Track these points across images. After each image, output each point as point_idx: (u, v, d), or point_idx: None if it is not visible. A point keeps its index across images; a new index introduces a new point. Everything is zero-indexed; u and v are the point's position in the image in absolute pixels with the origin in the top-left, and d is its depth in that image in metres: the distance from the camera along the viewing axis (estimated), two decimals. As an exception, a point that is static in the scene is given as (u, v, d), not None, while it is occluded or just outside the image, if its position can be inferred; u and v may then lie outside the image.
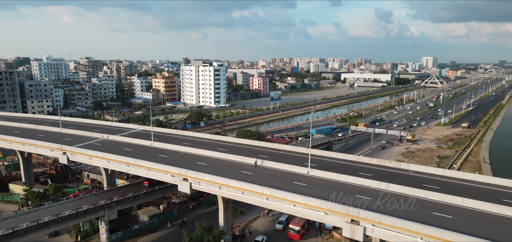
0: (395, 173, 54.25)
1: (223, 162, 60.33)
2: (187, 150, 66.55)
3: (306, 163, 57.46)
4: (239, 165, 58.69)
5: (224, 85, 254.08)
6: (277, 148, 68.60)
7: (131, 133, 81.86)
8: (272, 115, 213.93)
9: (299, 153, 65.30)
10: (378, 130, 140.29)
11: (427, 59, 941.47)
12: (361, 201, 43.47)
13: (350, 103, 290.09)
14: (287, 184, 49.78)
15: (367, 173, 53.83)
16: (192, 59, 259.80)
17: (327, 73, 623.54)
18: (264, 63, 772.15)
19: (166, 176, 56.31)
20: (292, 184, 49.72)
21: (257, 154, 63.74)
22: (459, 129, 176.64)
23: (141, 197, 67.68)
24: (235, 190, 49.52)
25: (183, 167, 55.49)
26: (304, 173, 53.64)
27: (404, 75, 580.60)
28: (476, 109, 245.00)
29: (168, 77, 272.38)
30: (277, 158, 61.54)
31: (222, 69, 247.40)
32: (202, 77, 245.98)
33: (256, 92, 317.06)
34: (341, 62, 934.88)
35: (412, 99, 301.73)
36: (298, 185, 49.49)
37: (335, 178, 50.95)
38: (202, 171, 54.65)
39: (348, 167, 57.00)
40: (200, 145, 70.77)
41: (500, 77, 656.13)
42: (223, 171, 55.30)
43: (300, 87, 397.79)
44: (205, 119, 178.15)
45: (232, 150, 66.84)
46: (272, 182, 50.52)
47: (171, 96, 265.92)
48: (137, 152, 66.39)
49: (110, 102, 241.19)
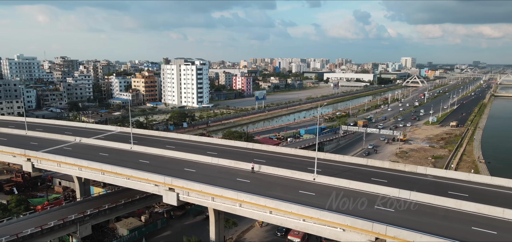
0: (413, 178, 47.86)
1: (214, 167, 52.69)
2: (172, 154, 58.57)
3: (310, 168, 50.55)
4: (233, 171, 51.21)
5: (207, 85, 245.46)
6: (274, 150, 61.41)
7: (107, 136, 73.10)
8: (258, 115, 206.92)
9: (300, 156, 58.27)
10: (370, 129, 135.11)
11: (406, 59, 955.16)
12: (383, 214, 36.75)
13: (335, 103, 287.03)
14: (292, 193, 42.63)
15: (381, 178, 47.27)
16: (173, 58, 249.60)
17: (309, 73, 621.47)
18: (246, 63, 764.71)
19: (149, 186, 48.26)
20: (297, 194, 42.59)
21: (252, 158, 56.37)
22: (448, 128, 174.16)
23: (119, 209, 59.30)
24: (231, 202, 42.02)
25: (168, 175, 47.65)
26: (309, 180, 46.62)
27: (386, 75, 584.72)
28: (460, 108, 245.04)
29: (148, 76, 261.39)
30: (276, 162, 54.35)
31: (204, 68, 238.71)
32: (184, 77, 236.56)
33: (240, 92, 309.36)
34: (323, 62, 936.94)
35: (396, 98, 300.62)
36: (305, 194, 42.40)
37: (346, 186, 44.10)
38: (191, 179, 46.94)
39: (358, 172, 50.32)
40: (187, 148, 62.86)
41: (478, 77, 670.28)
42: (216, 179, 47.72)
43: (284, 87, 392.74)
44: (188, 119, 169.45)
45: (223, 153, 59.23)
46: (274, 191, 43.28)
47: (152, 96, 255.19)
48: (114, 157, 57.97)
49: (87, 103, 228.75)
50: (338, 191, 42.86)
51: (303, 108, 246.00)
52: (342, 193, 42.11)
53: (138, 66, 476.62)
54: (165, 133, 75.27)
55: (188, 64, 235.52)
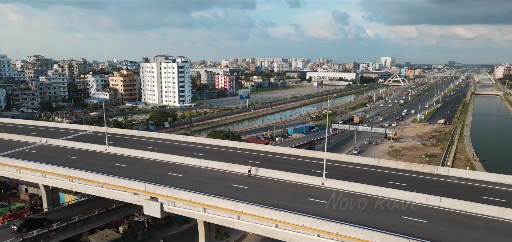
0: (434, 180, 41.76)
1: (204, 171, 45.31)
2: (154, 156, 50.85)
3: (315, 170, 43.91)
4: (226, 175, 43.99)
5: (189, 83, 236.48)
6: (270, 151, 54.44)
7: (79, 136, 64.55)
8: (242, 114, 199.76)
9: (300, 157, 51.47)
10: (361, 127, 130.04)
11: (386, 59, 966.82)
12: (415, 226, 30.36)
13: (319, 101, 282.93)
14: (300, 202, 35.82)
15: (398, 181, 40.98)
16: (153, 56, 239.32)
17: (291, 72, 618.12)
18: (227, 63, 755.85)
19: (126, 195, 40.53)
20: (306, 202, 35.81)
21: (246, 159, 49.30)
22: (436, 126, 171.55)
23: (92, 221, 51.05)
24: (227, 214, 34.84)
25: (150, 181, 40.12)
26: (317, 185, 39.88)
27: (367, 74, 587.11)
28: (445, 106, 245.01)
29: (127, 75, 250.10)
30: (274, 164, 47.40)
31: (186, 65, 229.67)
32: (165, 75, 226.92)
33: (222, 91, 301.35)
34: (304, 62, 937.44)
35: (381, 96, 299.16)
36: (315, 202, 35.66)
37: (362, 191, 37.56)
38: (177, 185, 39.52)
39: (370, 174, 43.92)
40: (171, 149, 55.19)
41: (455, 76, 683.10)
42: (206, 185, 40.43)
43: (267, 86, 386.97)
44: (170, 119, 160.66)
45: (213, 155, 51.88)
46: (278, 199, 36.36)
47: (131, 95, 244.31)
48: (86, 160, 49.84)
49: (61, 103, 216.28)
50: (353, 198, 36.27)
51: (288, 107, 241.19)
52: (359, 201, 35.54)
53: (117, 65, 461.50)
54: (146, 132, 67.43)
55: (169, 61, 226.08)
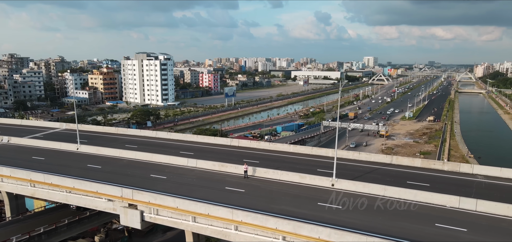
0: (460, 179, 36.49)
1: (192, 172, 38.93)
2: (133, 155, 44.14)
3: (320, 170, 38.13)
4: (218, 176, 37.74)
5: (172, 81, 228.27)
6: (266, 148, 48.33)
7: (49, 134, 57.14)
8: (228, 113, 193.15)
9: (301, 155, 45.57)
10: (353, 124, 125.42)
11: (369, 58, 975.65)
12: (455, 236, 24.82)
13: (306, 100, 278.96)
14: (309, 207, 29.93)
15: (418, 181, 35.55)
16: (135, 52, 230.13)
17: (276, 71, 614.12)
18: (211, 62, 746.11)
19: (99, 202, 33.87)
20: (316, 207, 29.94)
21: (240, 158, 43.17)
22: (426, 123, 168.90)
23: (61, 231, 44.04)
24: (223, 224, 28.64)
25: (128, 185, 33.58)
26: (327, 187, 34.06)
27: (352, 73, 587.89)
28: (431, 104, 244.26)
29: (107, 73, 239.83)
30: (272, 163, 41.41)
31: (169, 63, 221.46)
32: (147, 72, 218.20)
33: (207, 89, 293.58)
34: (288, 61, 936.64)
35: (367, 95, 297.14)
36: (326, 208, 29.83)
37: (381, 193, 31.92)
38: (160, 189, 33.14)
39: (383, 173, 38.40)
40: (153, 147, 48.54)
41: (437, 75, 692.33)
42: (196, 189, 34.14)
43: (252, 85, 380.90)
44: (153, 118, 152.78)
45: (202, 153, 45.50)
46: (282, 205, 30.38)
47: (112, 94, 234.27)
48: (53, 161, 42.79)
49: (37, 102, 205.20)
50: (371, 201, 30.59)
51: (274, 105, 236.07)
52: (379, 204, 29.89)
53: (97, 64, 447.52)
54: (125, 129, 60.41)
55: (151, 58, 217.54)
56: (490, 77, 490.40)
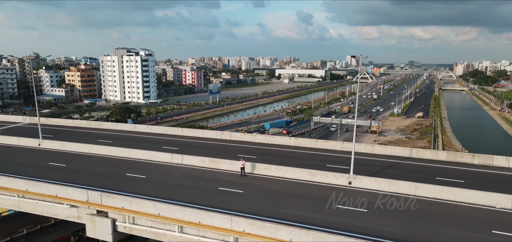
0: (496, 174, 30.98)
1: (177, 170, 32.26)
2: (106, 151, 37.12)
3: (330, 165, 32.12)
4: (209, 174, 31.19)
5: (154, 78, 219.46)
6: (264, 142, 41.88)
7: (8, 129, 49.29)
8: (213, 110, 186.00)
9: (304, 149, 39.39)
10: (345, 120, 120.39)
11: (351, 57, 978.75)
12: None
13: (291, 97, 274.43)
14: (325, 211, 23.78)
15: (449, 176, 29.86)
16: (114, 48, 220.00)
17: (260, 70, 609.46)
18: (194, 61, 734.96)
19: (60, 208, 26.87)
20: (335, 212, 23.80)
21: (233, 153, 36.75)
22: (415, 119, 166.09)
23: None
24: (219, 235, 22.12)
25: (97, 186, 26.74)
26: (343, 185, 27.97)
27: (336, 71, 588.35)
28: (417, 101, 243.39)
29: (85, 70, 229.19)
30: (272, 158, 35.18)
31: (151, 59, 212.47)
32: (128, 69, 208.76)
33: (190, 87, 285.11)
34: (272, 60, 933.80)
35: (353, 92, 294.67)
36: (349, 212, 23.72)
37: (411, 192, 26.03)
38: (138, 192, 26.43)
39: (405, 168, 32.61)
40: (131, 142, 41.56)
41: (419, 74, 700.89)
42: (182, 190, 27.55)
43: (236, 83, 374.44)
44: (134, 115, 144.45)
45: (188, 148, 38.81)
46: (292, 209, 24.14)
47: (90, 92, 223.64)
48: (7, 159, 35.42)
49: (9, 100, 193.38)
50: (399, 202, 24.65)
51: (260, 103, 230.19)
52: (411, 207, 23.97)
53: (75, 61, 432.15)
54: (98, 122, 53.03)
55: (132, 54, 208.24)
56: (469, 75, 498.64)
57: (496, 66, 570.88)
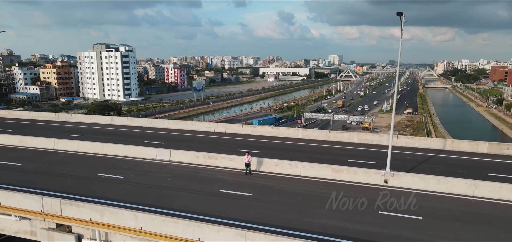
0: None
1: (164, 169, 25.71)
2: (74, 146, 30.25)
3: (352, 160, 26.20)
4: (205, 173, 24.78)
5: (135, 75, 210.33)
6: (266, 135, 35.66)
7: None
8: (197, 108, 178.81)
9: (316, 141, 33.38)
10: (337, 116, 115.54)
11: (334, 57, 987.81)
12: None
13: (277, 95, 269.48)
14: (369, 220, 17.75)
15: (501, 172, 24.34)
16: (92, 44, 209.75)
17: (243, 69, 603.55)
18: (176, 60, 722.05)
19: (7, 221, 20.00)
20: (380, 220, 17.83)
21: (231, 147, 30.46)
22: (405, 116, 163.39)
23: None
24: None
25: (59, 191, 20.00)
26: (377, 184, 22.08)
27: (319, 70, 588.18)
28: (403, 98, 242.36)
29: (62, 67, 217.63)
30: (280, 153, 29.05)
31: (131, 55, 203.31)
32: (107, 65, 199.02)
33: (173, 85, 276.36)
34: (255, 59, 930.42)
35: (339, 90, 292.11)
36: (401, 220, 17.75)
37: (469, 192, 20.30)
38: (112, 197, 19.85)
39: (445, 162, 27.02)
40: (106, 136, 34.72)
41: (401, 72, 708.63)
42: (172, 194, 21.08)
43: (220, 81, 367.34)
44: (113, 113, 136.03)
45: (176, 142, 32.28)
46: (323, 217, 18.03)
47: (67, 90, 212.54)
48: None
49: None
50: (459, 206, 18.88)
51: (245, 101, 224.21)
52: (477, 211, 18.20)
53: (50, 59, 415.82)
54: (69, 115, 45.64)
55: (111, 50, 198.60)
56: (450, 74, 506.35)
57: (475, 65, 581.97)
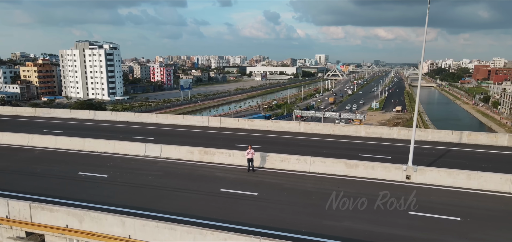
0: None
1: (154, 166, 22.67)
2: (52, 142, 26.92)
3: (363, 155, 23.63)
4: (201, 170, 21.83)
5: (120, 73, 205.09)
6: (265, 128, 32.88)
7: None
8: (185, 107, 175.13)
9: (320, 135, 30.76)
10: (328, 113, 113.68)
11: (320, 56, 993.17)
12: None
13: (265, 94, 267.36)
14: (391, 220, 15.09)
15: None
16: (75, 41, 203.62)
17: (230, 68, 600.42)
18: (162, 59, 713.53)
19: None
20: (408, 221, 15.17)
21: (228, 142, 27.56)
22: (394, 114, 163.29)
23: None
24: (236, 271, 12.93)
25: (32, 193, 16.75)
26: (398, 181, 19.50)
27: (306, 69, 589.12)
28: (390, 96, 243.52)
29: (43, 65, 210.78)
30: (283, 148, 26.30)
31: (116, 52, 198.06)
32: (90, 63, 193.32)
33: (159, 84, 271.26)
34: (242, 58, 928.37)
35: (327, 88, 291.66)
36: (430, 221, 15.15)
37: (505, 189, 17.90)
38: (95, 199, 16.70)
39: (470, 156, 24.68)
40: (88, 132, 31.41)
41: (387, 71, 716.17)
42: (165, 195, 18.07)
43: (207, 80, 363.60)
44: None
45: (166, 138, 29.27)
46: (345, 220, 15.31)
47: (49, 89, 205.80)
48: None
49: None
50: (499, 204, 16.45)
51: (233, 99, 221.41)
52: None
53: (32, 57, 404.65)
54: (47, 110, 41.93)
55: (95, 48, 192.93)
56: (435, 73, 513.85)
57: (458, 64, 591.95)
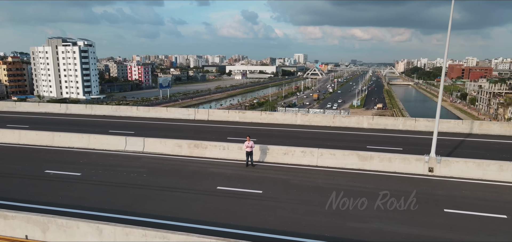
0: None
1: (137, 162, 19.52)
2: (15, 137, 23.31)
3: (371, 146, 21.25)
4: (192, 166, 18.85)
5: (96, 71, 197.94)
6: (259, 121, 30.05)
7: None
8: (164, 106, 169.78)
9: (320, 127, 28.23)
10: (312, 110, 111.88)
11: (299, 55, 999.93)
12: None
13: (245, 92, 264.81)
14: (425, 220, 12.63)
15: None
16: (47, 38, 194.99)
17: (209, 67, 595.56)
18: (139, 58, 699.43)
19: None
20: (447, 221, 12.76)
21: (219, 135, 24.68)
22: (375, 111, 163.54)
23: None
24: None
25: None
26: (420, 174, 17.13)
27: (286, 68, 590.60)
28: (370, 94, 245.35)
29: (13, 63, 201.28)
30: (283, 140, 23.62)
31: (91, 49, 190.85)
32: (64, 61, 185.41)
33: (137, 83, 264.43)
34: (221, 57, 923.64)
35: (307, 86, 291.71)
36: (472, 220, 12.79)
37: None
38: (65, 202, 13.51)
39: (487, 147, 22.63)
40: (59, 126, 27.82)
41: (365, 70, 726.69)
42: (150, 196, 15.02)
43: (186, 79, 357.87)
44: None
45: (149, 131, 26.07)
46: (368, 220, 12.73)
47: (20, 88, 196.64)
48: None
49: None
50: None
51: (213, 98, 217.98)
52: None
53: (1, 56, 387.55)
54: (12, 103, 37.61)
55: (68, 44, 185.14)
56: (411, 72, 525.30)
57: (433, 63, 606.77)
